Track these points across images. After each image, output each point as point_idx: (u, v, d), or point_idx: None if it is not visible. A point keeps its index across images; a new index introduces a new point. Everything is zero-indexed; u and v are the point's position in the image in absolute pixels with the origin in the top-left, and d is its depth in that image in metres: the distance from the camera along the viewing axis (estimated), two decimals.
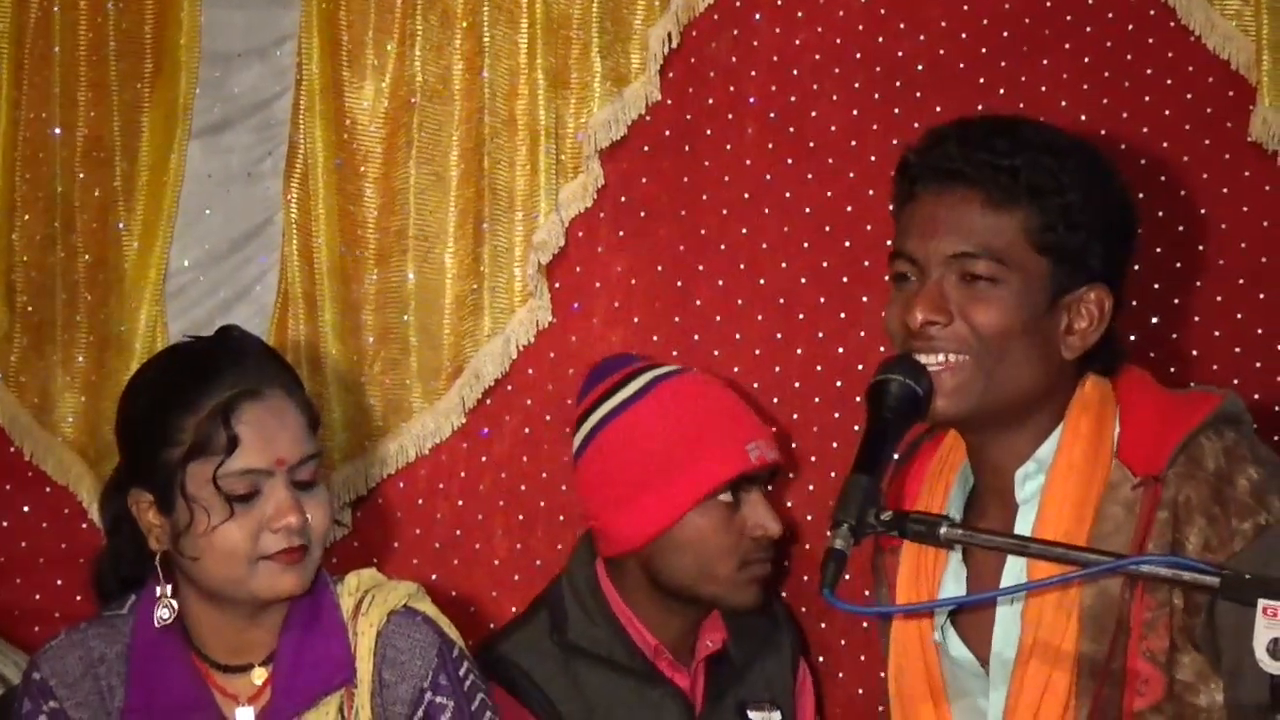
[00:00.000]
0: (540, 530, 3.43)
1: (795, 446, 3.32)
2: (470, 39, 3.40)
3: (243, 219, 3.50)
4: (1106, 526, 2.33)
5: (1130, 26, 3.24)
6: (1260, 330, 3.18)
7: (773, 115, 3.37)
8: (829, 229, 3.35)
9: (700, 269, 3.40)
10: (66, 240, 3.47)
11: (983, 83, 3.29)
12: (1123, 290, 2.44)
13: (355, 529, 3.45)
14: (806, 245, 3.36)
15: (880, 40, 3.33)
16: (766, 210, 3.37)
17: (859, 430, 2.28)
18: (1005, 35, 3.28)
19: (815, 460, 3.32)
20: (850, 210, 3.34)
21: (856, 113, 3.34)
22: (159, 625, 2.43)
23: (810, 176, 3.36)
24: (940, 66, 3.31)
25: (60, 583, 3.46)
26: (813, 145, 3.36)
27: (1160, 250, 3.19)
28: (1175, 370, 3.15)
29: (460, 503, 3.45)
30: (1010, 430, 2.41)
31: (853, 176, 3.34)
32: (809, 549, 3.30)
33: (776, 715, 3.06)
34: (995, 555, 2.40)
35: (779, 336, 3.37)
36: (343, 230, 3.43)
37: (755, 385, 3.32)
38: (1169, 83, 3.22)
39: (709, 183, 3.39)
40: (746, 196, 3.38)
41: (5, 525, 3.51)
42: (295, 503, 2.37)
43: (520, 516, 3.44)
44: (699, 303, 3.40)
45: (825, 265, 3.35)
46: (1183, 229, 3.21)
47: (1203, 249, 3.21)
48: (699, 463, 2.94)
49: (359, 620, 2.47)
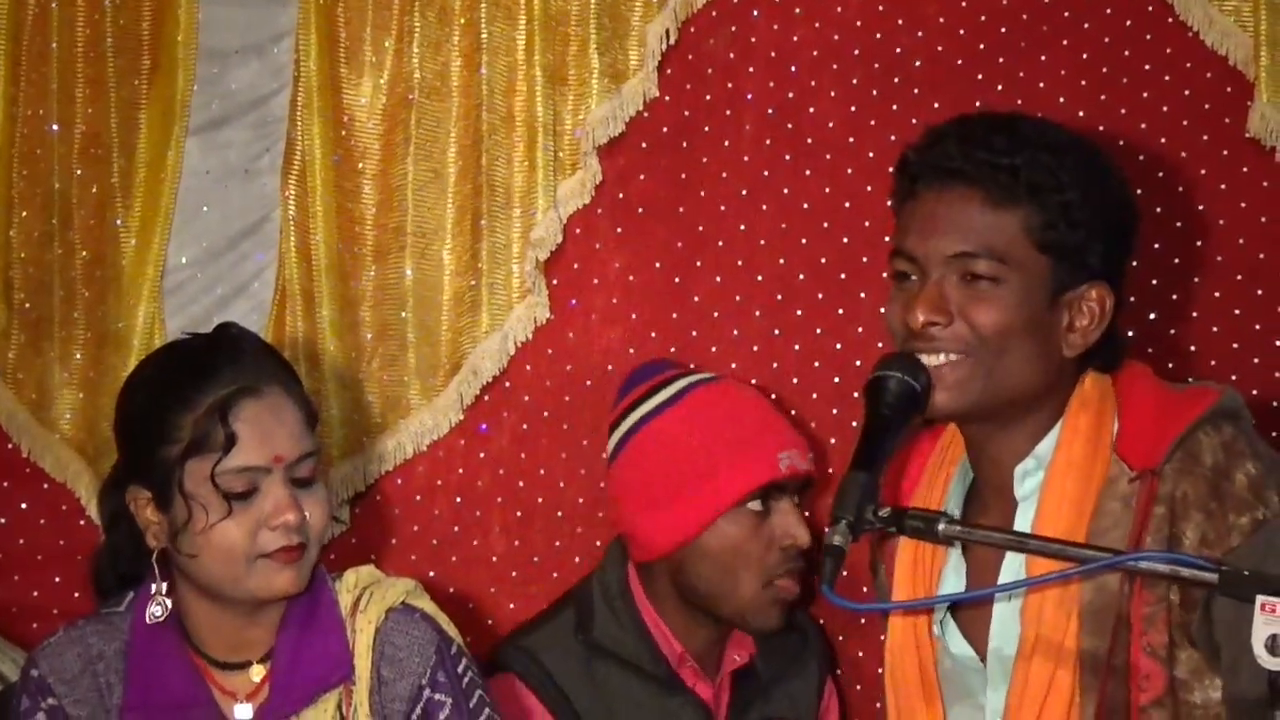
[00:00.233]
0: (538, 527, 3.43)
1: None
2: (468, 35, 3.40)
3: (240, 216, 3.49)
4: (1105, 522, 2.33)
5: (1128, 22, 3.23)
6: (1258, 326, 3.18)
7: (771, 112, 3.37)
8: (827, 225, 3.35)
9: (698, 265, 3.40)
10: (64, 237, 3.47)
11: (981, 79, 3.29)
12: (1123, 287, 2.44)
13: (353, 526, 3.45)
14: (804, 241, 3.36)
15: (878, 37, 3.33)
16: (764, 207, 3.37)
17: (857, 427, 2.29)
18: (1003, 31, 3.28)
19: (813, 457, 3.31)
20: (848, 206, 3.34)
21: (854, 109, 3.34)
22: (151, 622, 2.42)
23: (808, 173, 3.36)
24: (938, 63, 3.30)
25: (58, 580, 3.46)
26: (811, 142, 3.35)
27: (1158, 246, 3.18)
28: (1173, 366, 3.15)
29: (458, 499, 3.45)
30: (1010, 427, 2.41)
31: (851, 173, 3.34)
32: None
33: None
34: (995, 551, 2.40)
35: (777, 333, 3.37)
36: (340, 227, 3.42)
37: (753, 381, 3.31)
38: (1167, 79, 3.22)
39: (707, 179, 3.39)
40: (744, 193, 3.38)
41: (3, 522, 3.50)
42: (293, 500, 2.37)
43: (518, 513, 3.44)
44: (697, 299, 3.40)
45: (823, 261, 3.35)
46: (1181, 225, 3.20)
47: (1201, 245, 3.21)
48: (729, 470, 2.94)
49: (357, 617, 2.46)
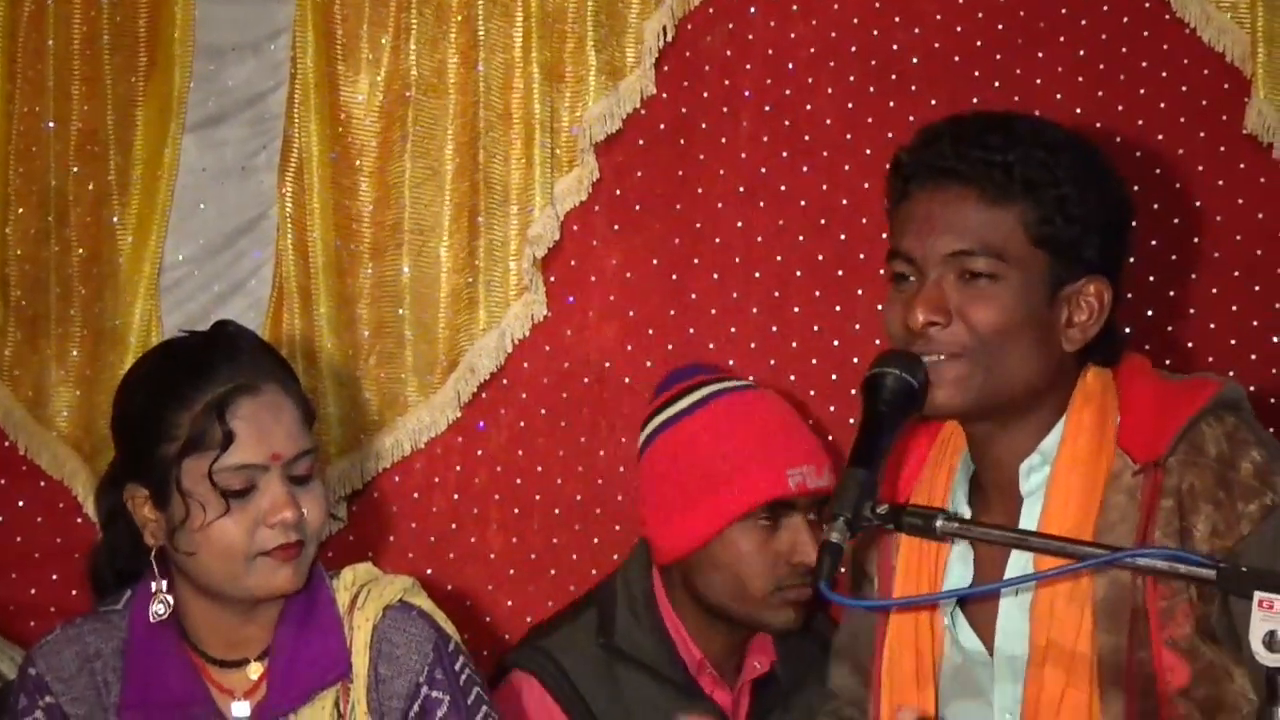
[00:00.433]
0: (536, 524, 3.43)
1: None
2: (465, 33, 3.40)
3: (237, 213, 3.49)
4: (1112, 516, 2.33)
5: (1125, 19, 3.24)
6: (1255, 322, 3.18)
7: (767, 109, 3.37)
8: (824, 222, 3.35)
9: (695, 262, 3.40)
10: (60, 234, 3.47)
11: (977, 76, 3.29)
12: (1121, 282, 2.44)
13: (351, 523, 3.45)
14: (801, 238, 3.36)
15: (875, 34, 3.33)
16: (761, 203, 3.37)
17: (855, 423, 2.28)
18: (1000, 28, 3.28)
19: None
20: (845, 203, 3.34)
21: (851, 106, 3.34)
22: (153, 620, 2.42)
23: (805, 170, 3.36)
24: (935, 60, 3.31)
25: (56, 577, 3.46)
26: (807, 139, 3.36)
27: (1156, 243, 3.19)
28: (1171, 362, 3.14)
29: (456, 496, 3.45)
30: (1013, 423, 2.40)
31: (847, 170, 3.34)
32: None
33: None
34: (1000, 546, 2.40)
35: (774, 330, 3.37)
36: (337, 224, 3.42)
37: (750, 379, 3.31)
38: (1164, 76, 3.22)
39: (704, 176, 3.39)
40: (741, 190, 3.38)
41: (0, 520, 3.50)
42: (291, 498, 2.36)
43: (516, 510, 3.44)
44: (694, 296, 3.40)
45: (820, 258, 3.35)
46: (1178, 221, 3.21)
47: (1198, 241, 3.21)
48: (736, 482, 2.92)
49: (355, 615, 2.45)
